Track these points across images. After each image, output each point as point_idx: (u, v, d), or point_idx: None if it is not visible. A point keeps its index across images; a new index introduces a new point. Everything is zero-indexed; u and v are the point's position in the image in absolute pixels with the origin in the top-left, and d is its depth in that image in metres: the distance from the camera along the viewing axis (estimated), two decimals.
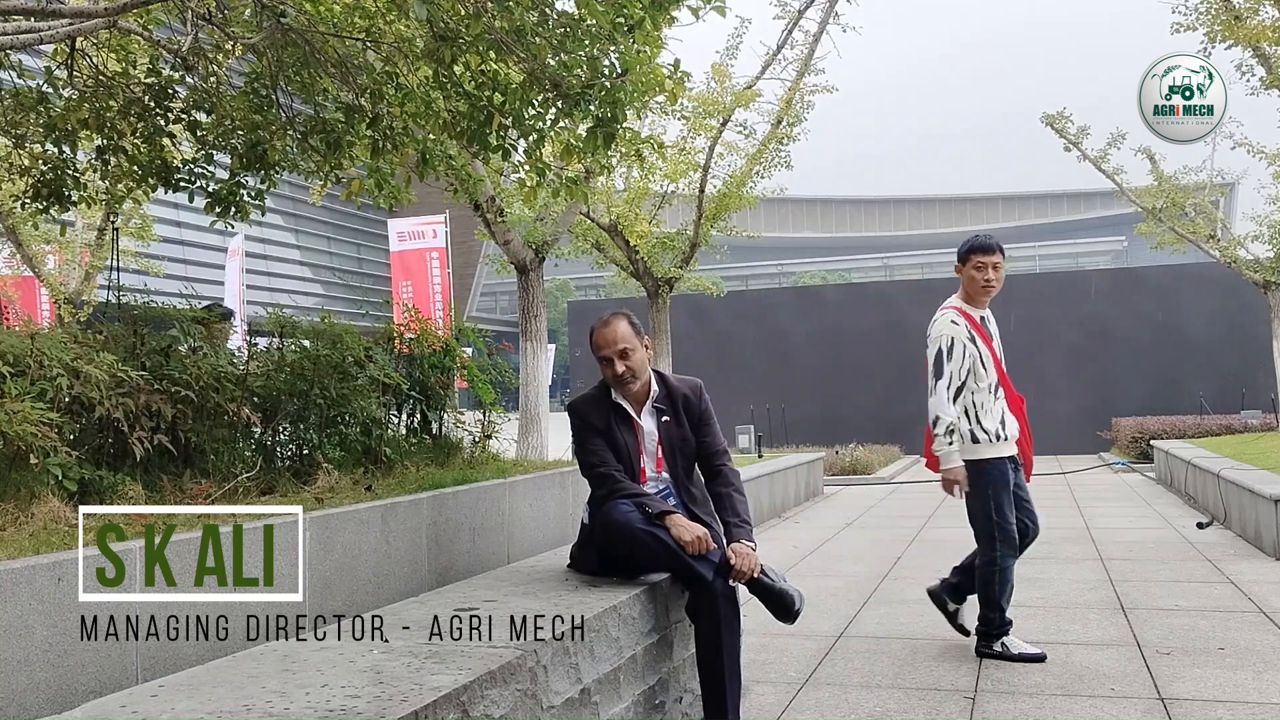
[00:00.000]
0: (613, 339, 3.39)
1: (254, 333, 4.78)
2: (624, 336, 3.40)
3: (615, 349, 3.38)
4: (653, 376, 3.53)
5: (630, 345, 3.40)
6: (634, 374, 3.42)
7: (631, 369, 3.41)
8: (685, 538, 3.15)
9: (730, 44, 12.42)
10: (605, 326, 3.43)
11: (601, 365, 3.42)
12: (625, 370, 3.39)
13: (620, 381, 3.41)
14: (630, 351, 3.40)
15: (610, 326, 3.42)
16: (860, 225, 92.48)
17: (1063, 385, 20.23)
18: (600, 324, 3.46)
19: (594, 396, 3.52)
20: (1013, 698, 3.79)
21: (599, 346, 3.42)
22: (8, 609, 2.52)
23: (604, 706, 2.82)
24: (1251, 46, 12.24)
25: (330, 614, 3.60)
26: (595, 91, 4.42)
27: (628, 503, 3.28)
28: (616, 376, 3.40)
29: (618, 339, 3.39)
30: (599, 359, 3.43)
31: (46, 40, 4.17)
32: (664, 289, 12.71)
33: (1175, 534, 8.11)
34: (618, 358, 3.38)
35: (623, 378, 3.40)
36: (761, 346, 21.90)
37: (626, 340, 3.40)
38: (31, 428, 3.07)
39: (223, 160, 5.70)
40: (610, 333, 3.40)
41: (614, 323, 3.43)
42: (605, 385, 3.51)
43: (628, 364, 3.39)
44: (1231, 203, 27.99)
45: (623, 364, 3.39)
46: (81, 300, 14.56)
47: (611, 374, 3.40)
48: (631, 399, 3.49)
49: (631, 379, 3.42)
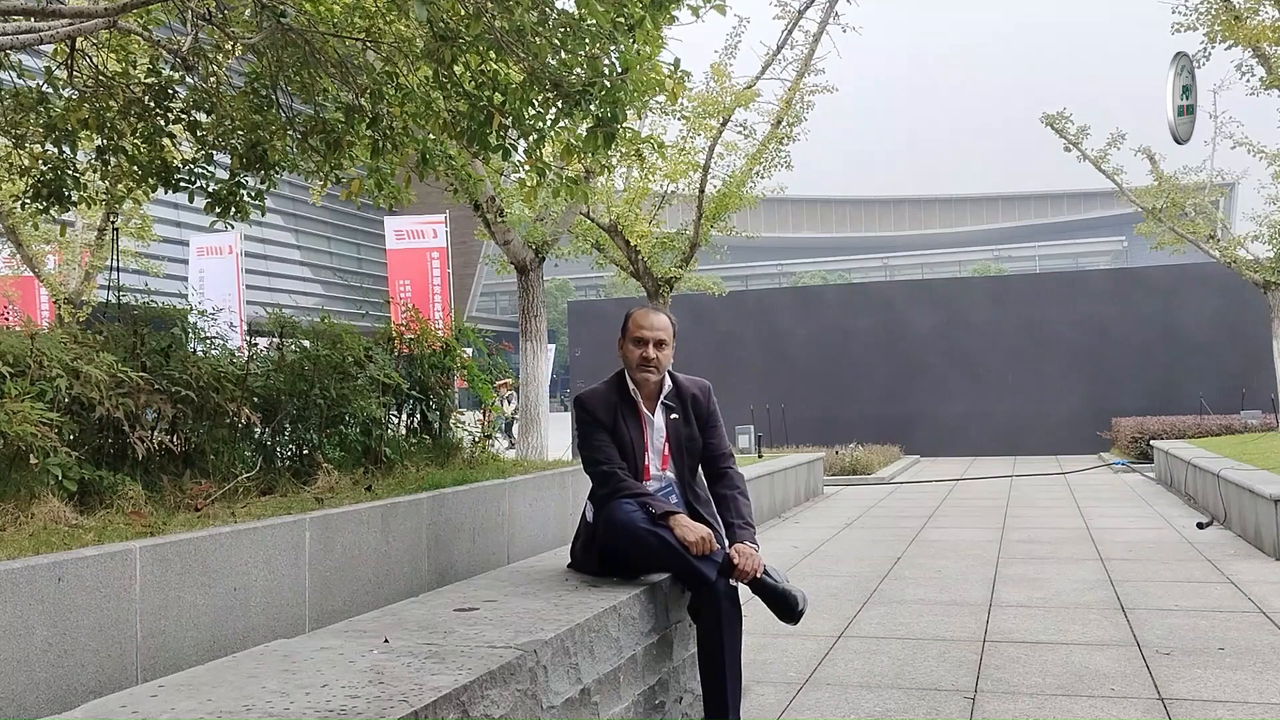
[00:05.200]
0: (657, 324, 3.50)
1: (254, 333, 4.78)
2: (664, 328, 3.51)
3: (654, 334, 3.48)
4: (666, 374, 3.57)
5: (666, 338, 3.51)
6: (658, 366, 3.50)
7: (658, 360, 3.49)
8: (689, 538, 3.16)
9: (730, 44, 12.41)
10: (652, 312, 3.55)
11: (632, 345, 3.48)
12: (655, 358, 3.47)
13: (644, 366, 3.47)
14: (664, 344, 3.50)
15: (657, 314, 3.54)
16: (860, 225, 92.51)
17: (1063, 385, 20.20)
18: (645, 309, 3.56)
19: (602, 392, 3.53)
20: (1013, 698, 3.79)
21: (639, 326, 3.49)
22: (8, 609, 2.52)
23: (604, 706, 2.82)
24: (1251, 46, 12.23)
25: (330, 614, 3.61)
26: (595, 91, 4.42)
27: (631, 502, 3.29)
28: (644, 359, 3.46)
29: (660, 326, 3.50)
30: (633, 339, 3.48)
31: (46, 40, 4.17)
32: (664, 289, 12.71)
33: (1175, 534, 8.11)
34: (653, 344, 3.47)
35: (649, 363, 3.46)
36: (761, 346, 21.88)
37: (665, 332, 3.51)
38: (31, 428, 3.06)
39: (223, 160, 5.70)
40: (656, 319, 3.52)
41: (660, 312, 3.56)
42: (615, 381, 3.54)
43: (659, 354, 3.48)
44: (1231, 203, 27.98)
45: (655, 351, 3.47)
46: (81, 300, 14.55)
47: (639, 356, 3.46)
48: (644, 394, 3.52)
49: (655, 370, 3.49)
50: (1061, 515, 9.63)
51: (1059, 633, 4.81)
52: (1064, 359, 20.40)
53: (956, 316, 21.38)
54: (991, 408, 20.60)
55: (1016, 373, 20.58)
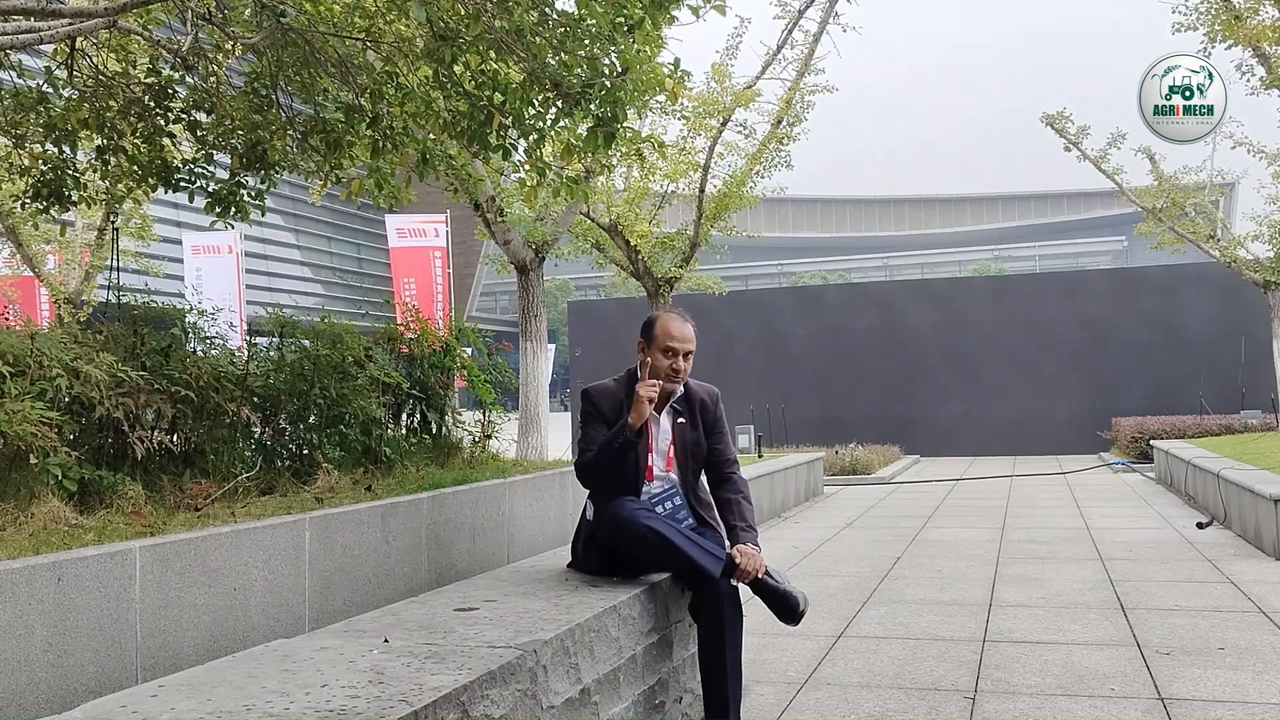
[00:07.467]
0: (689, 336, 3.50)
1: (254, 333, 4.78)
2: (693, 339, 3.52)
3: (685, 346, 3.48)
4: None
5: (693, 350, 3.52)
6: (683, 377, 3.51)
7: (685, 371, 3.51)
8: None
9: (730, 44, 12.42)
10: (685, 322, 3.52)
11: (662, 354, 3.46)
12: (684, 369, 3.49)
13: (673, 377, 3.47)
14: (691, 355, 3.51)
15: (687, 324, 3.53)
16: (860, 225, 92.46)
17: (1063, 385, 20.20)
18: (678, 317, 3.53)
19: (610, 388, 3.54)
20: (1013, 698, 3.79)
21: (671, 336, 3.46)
22: (8, 609, 2.52)
23: (604, 706, 2.82)
24: (1251, 46, 12.23)
25: (330, 614, 3.61)
26: (595, 91, 4.42)
27: (634, 500, 3.31)
28: (674, 371, 3.46)
29: (691, 338, 3.51)
30: (664, 348, 3.46)
31: (46, 40, 4.17)
32: (664, 289, 12.71)
33: (1175, 534, 8.11)
34: (683, 355, 3.48)
35: (678, 374, 3.48)
36: (761, 346, 21.87)
37: (693, 345, 3.52)
38: (31, 428, 3.06)
39: (223, 160, 5.70)
40: (688, 329, 3.51)
41: (689, 322, 3.55)
42: (625, 379, 3.54)
43: (686, 365, 3.50)
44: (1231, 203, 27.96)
45: (684, 362, 3.48)
46: (81, 300, 14.56)
47: (669, 366, 3.46)
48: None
49: (679, 380, 3.50)
50: (1061, 515, 9.63)
51: (1059, 633, 4.81)
52: (1064, 359, 20.40)
53: (956, 316, 21.38)
54: (991, 408, 20.60)
55: (1016, 373, 20.57)
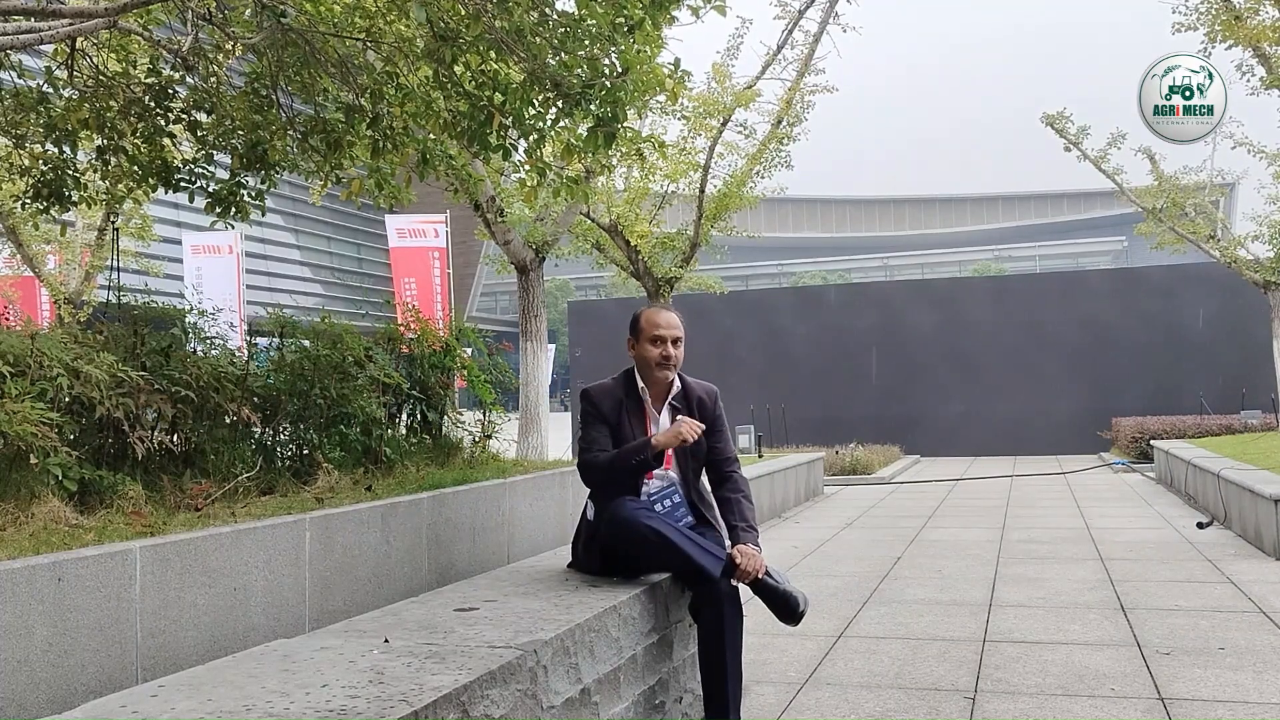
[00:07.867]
0: (673, 322, 3.55)
1: (254, 333, 4.78)
2: (679, 325, 3.56)
3: (672, 332, 3.52)
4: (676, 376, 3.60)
5: (681, 336, 3.56)
6: (675, 364, 3.53)
7: (676, 358, 3.53)
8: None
9: (730, 44, 12.43)
10: (664, 310, 3.58)
11: (650, 344, 3.50)
12: (674, 355, 3.51)
13: (664, 364, 3.50)
14: (680, 341, 3.54)
15: (669, 312, 3.59)
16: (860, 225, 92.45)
17: (1063, 385, 20.20)
18: (654, 308, 3.60)
19: (609, 387, 3.55)
20: (1013, 698, 3.79)
21: (657, 325, 3.51)
22: (8, 609, 2.52)
23: (604, 706, 2.82)
24: (1251, 46, 12.23)
25: (330, 614, 3.61)
26: (595, 91, 4.42)
27: (634, 500, 3.31)
28: (665, 358, 3.49)
29: (676, 324, 3.55)
30: (651, 338, 3.50)
31: (46, 40, 4.17)
32: (664, 289, 12.71)
33: (1175, 534, 8.11)
34: (672, 342, 3.50)
35: (669, 361, 3.50)
36: (761, 346, 21.87)
37: (680, 329, 3.55)
38: (31, 428, 3.06)
39: (223, 160, 5.70)
40: (671, 316, 3.56)
41: (670, 310, 3.61)
42: (624, 379, 3.55)
43: (676, 352, 3.52)
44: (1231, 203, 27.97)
45: (674, 349, 3.51)
46: (81, 300, 14.56)
47: (659, 354, 3.49)
48: (653, 394, 3.54)
49: (672, 368, 3.52)
50: (1062, 515, 9.63)
51: (1059, 633, 4.81)
52: (1064, 359, 20.39)
53: (957, 317, 21.37)
54: (992, 408, 20.59)
55: (1017, 373, 20.56)
